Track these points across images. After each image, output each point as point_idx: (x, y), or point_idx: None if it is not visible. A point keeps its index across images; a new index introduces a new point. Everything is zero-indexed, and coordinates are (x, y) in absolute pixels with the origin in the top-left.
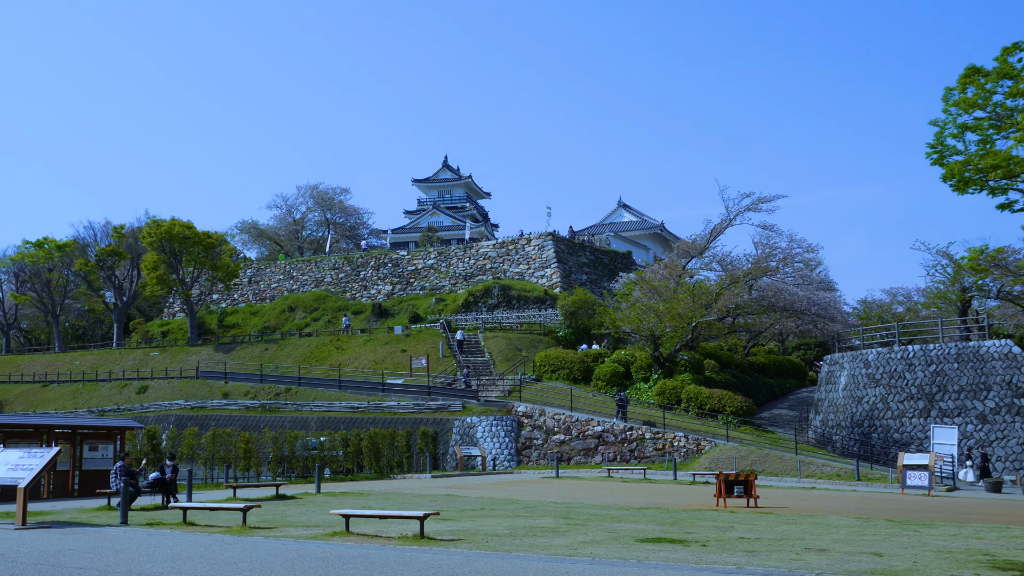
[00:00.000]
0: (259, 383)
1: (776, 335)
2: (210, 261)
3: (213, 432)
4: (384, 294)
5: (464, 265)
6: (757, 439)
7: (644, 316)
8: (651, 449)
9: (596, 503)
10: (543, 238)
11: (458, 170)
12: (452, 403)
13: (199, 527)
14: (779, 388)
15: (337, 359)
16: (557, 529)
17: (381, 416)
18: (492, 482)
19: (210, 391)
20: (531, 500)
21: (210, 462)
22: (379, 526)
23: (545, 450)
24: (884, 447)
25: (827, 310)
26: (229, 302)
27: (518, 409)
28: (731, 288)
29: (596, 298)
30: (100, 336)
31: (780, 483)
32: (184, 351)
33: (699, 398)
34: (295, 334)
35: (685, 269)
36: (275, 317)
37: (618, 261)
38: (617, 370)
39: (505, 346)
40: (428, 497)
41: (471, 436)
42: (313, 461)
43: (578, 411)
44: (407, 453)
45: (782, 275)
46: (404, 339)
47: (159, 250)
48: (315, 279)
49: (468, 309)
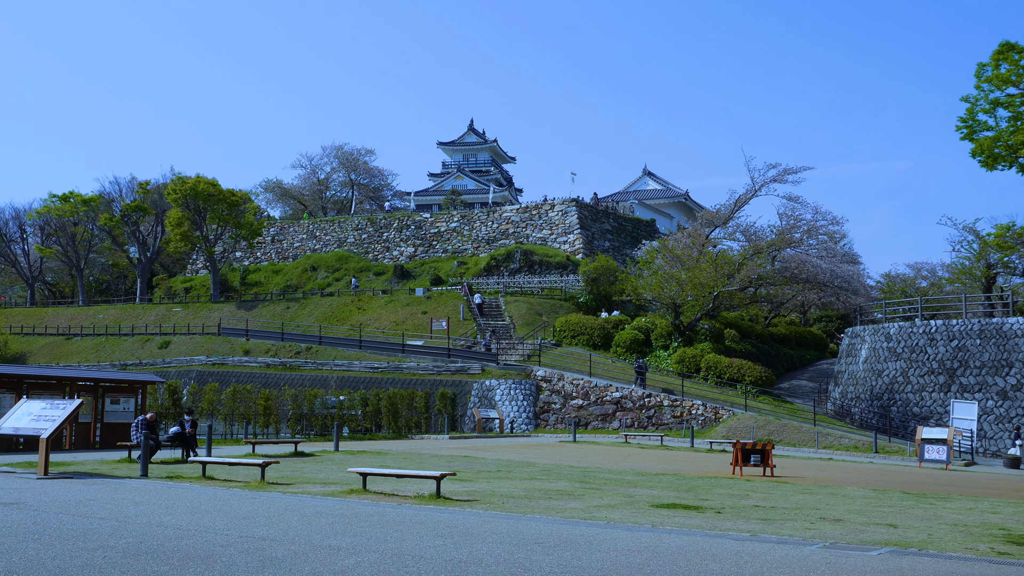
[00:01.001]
0: (280, 341)
1: (798, 307)
2: (234, 219)
3: (233, 388)
4: (406, 256)
5: (487, 229)
6: (775, 409)
7: (666, 284)
8: (669, 416)
9: (612, 468)
10: (567, 204)
11: (484, 134)
12: (471, 366)
13: (218, 481)
14: (799, 359)
15: (358, 319)
16: (573, 492)
17: (400, 377)
18: (509, 445)
19: (231, 348)
20: (548, 464)
21: (230, 418)
22: (396, 485)
23: (563, 415)
24: (903, 421)
25: (850, 283)
26: (252, 260)
27: (537, 373)
28: (754, 258)
29: (618, 265)
30: (123, 291)
31: (797, 453)
32: (206, 307)
33: (718, 367)
34: (317, 293)
35: (708, 238)
36: (297, 276)
37: (641, 229)
38: (637, 337)
39: (526, 311)
40: (445, 458)
41: (489, 399)
42: (332, 419)
43: (597, 377)
44: (425, 414)
45: (806, 247)
46: (425, 301)
47: (183, 207)
48: (338, 239)
49: (490, 273)
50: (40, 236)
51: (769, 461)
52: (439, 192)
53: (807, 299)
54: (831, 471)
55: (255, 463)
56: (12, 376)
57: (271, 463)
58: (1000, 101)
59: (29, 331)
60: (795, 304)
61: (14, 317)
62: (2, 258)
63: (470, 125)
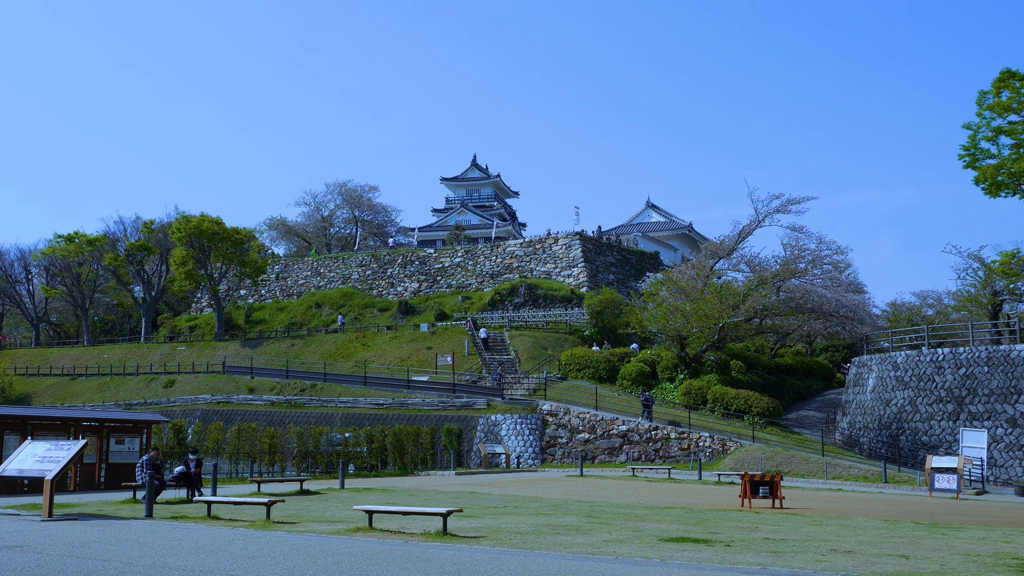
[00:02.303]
0: (285, 379)
1: (804, 337)
2: (238, 257)
3: (238, 427)
4: (411, 291)
5: (491, 263)
6: (783, 440)
7: (671, 316)
8: (676, 449)
9: (620, 502)
10: (570, 237)
11: (487, 169)
12: (477, 401)
13: (223, 521)
14: (806, 390)
15: (363, 356)
16: (580, 527)
17: (406, 413)
18: (516, 480)
19: (236, 386)
20: (555, 498)
21: (235, 456)
22: (402, 522)
23: (569, 449)
24: (912, 450)
25: (856, 312)
26: (256, 298)
27: (543, 407)
28: (759, 289)
29: (623, 298)
30: (128, 330)
31: (806, 484)
32: (211, 346)
33: (725, 399)
34: (321, 330)
35: (713, 270)
36: (302, 313)
37: (645, 261)
38: (643, 370)
39: (531, 344)
40: (451, 494)
41: (495, 434)
42: (337, 457)
43: (603, 410)
44: (431, 450)
45: (811, 277)
46: (430, 336)
47: (188, 245)
48: (342, 276)
49: (494, 307)
50: (45, 276)
51: (778, 493)
52: (443, 227)
53: (813, 329)
54: (841, 502)
55: (260, 502)
56: (17, 417)
57: (276, 502)
58: (1002, 129)
59: (34, 372)
60: (801, 334)
61: (19, 358)
62: (7, 299)
63: (473, 160)
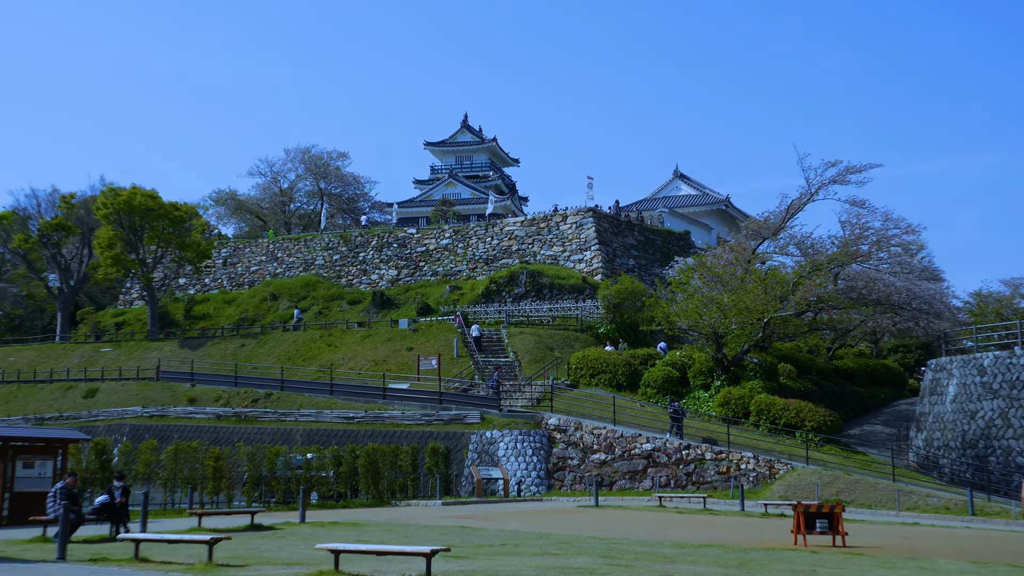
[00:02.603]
0: (233, 386)
1: (868, 334)
2: (177, 238)
3: (176, 446)
4: (387, 280)
5: (485, 246)
6: (844, 462)
7: (704, 310)
8: (712, 473)
9: (644, 539)
10: (582, 214)
11: (480, 132)
12: (468, 413)
13: (154, 564)
14: (871, 399)
15: (329, 358)
16: (596, 571)
17: (381, 428)
18: (516, 511)
19: (173, 396)
20: (564, 534)
21: (171, 483)
22: (376, 564)
23: (582, 473)
24: (1005, 474)
25: (931, 304)
26: (199, 288)
27: (549, 422)
28: (812, 277)
29: (646, 287)
30: (41, 328)
31: (874, 517)
32: (143, 347)
33: (772, 410)
34: (278, 327)
35: (755, 253)
36: (255, 307)
37: (673, 243)
38: (671, 375)
39: (533, 344)
40: (437, 529)
41: (491, 454)
42: (297, 483)
43: (623, 425)
44: (412, 474)
45: (875, 261)
46: (411, 335)
47: (116, 224)
48: (304, 261)
49: (490, 299)
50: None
51: (839, 527)
52: (427, 202)
53: (879, 325)
54: (917, 538)
55: (201, 540)
56: None
57: (221, 539)
58: None
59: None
60: (864, 331)
61: None
62: None
63: (464, 121)
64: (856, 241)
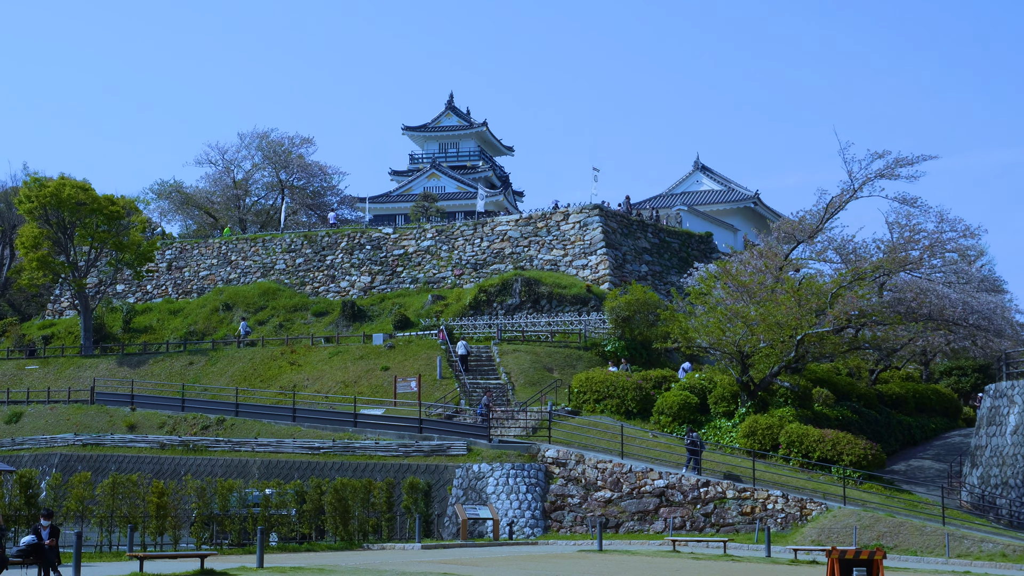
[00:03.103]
0: (180, 411)
1: (917, 355)
2: (114, 237)
3: (113, 479)
4: (360, 288)
5: (474, 248)
6: (887, 502)
7: (728, 325)
8: (735, 513)
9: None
10: (586, 212)
11: (468, 115)
12: (453, 444)
13: None
14: (920, 430)
15: (291, 379)
16: None
17: (352, 460)
18: (508, 556)
19: (111, 421)
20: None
21: (108, 521)
22: None
23: (584, 512)
24: None
25: (991, 320)
26: (140, 296)
27: (546, 454)
28: (854, 287)
29: (660, 298)
30: None
31: (919, 565)
32: (75, 364)
33: (805, 442)
34: (232, 342)
35: (788, 259)
36: (204, 318)
37: (692, 246)
38: (688, 400)
39: (529, 364)
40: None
41: (479, 491)
42: (254, 522)
43: (631, 458)
44: (388, 513)
45: (927, 269)
46: (387, 352)
47: (42, 221)
48: (263, 265)
49: (478, 311)
50: None
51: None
52: (406, 197)
53: (930, 344)
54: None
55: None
56: None
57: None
58: None
59: None
60: (913, 351)
61: None
62: None
63: (449, 102)
64: (905, 246)
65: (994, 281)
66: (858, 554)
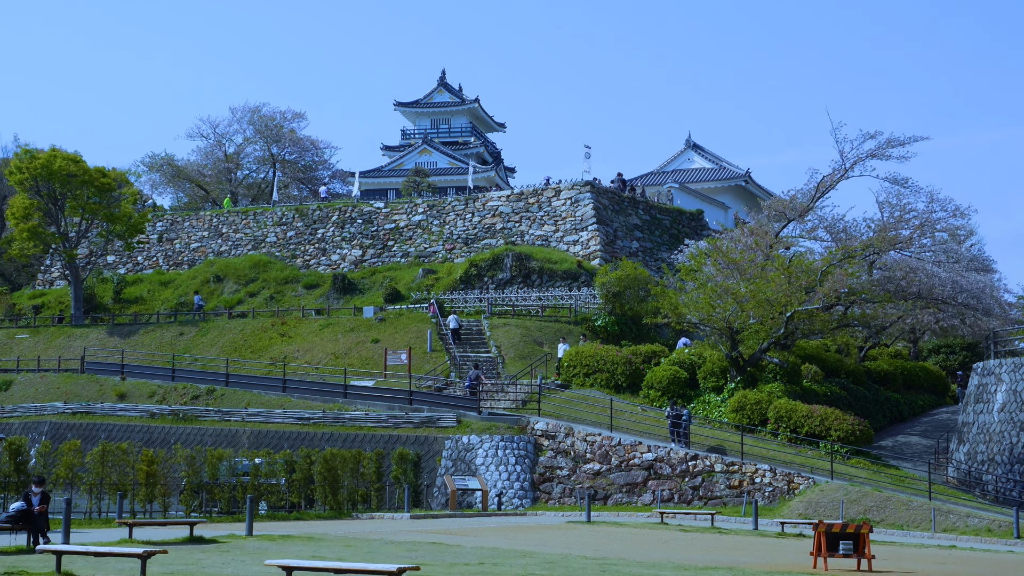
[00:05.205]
0: (170, 381)
1: (906, 333)
2: (105, 209)
3: (103, 447)
4: (350, 261)
5: (465, 223)
6: (874, 476)
7: (718, 301)
8: (723, 487)
9: (643, 559)
10: (578, 188)
11: (460, 91)
12: (443, 415)
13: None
14: (908, 406)
15: (281, 350)
16: None
17: (341, 431)
18: (497, 527)
19: (100, 390)
20: (551, 553)
21: (97, 489)
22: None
23: (572, 484)
24: None
25: (980, 299)
26: (131, 267)
27: (536, 426)
28: (843, 265)
29: (651, 275)
30: None
31: (905, 539)
32: (65, 333)
33: (793, 417)
34: (223, 313)
35: (778, 237)
36: (195, 289)
37: (683, 223)
38: (678, 375)
39: (519, 338)
40: (405, 545)
41: (468, 462)
42: (244, 491)
43: (621, 431)
44: (377, 483)
45: (917, 249)
46: (377, 325)
47: (33, 192)
48: (253, 238)
49: (469, 285)
50: None
51: (865, 550)
52: (397, 172)
53: (919, 322)
54: (954, 564)
55: (132, 553)
56: None
57: (156, 553)
58: None
59: None
60: (902, 329)
61: None
62: None
63: (441, 78)
64: (896, 225)
65: (983, 260)
66: (845, 528)
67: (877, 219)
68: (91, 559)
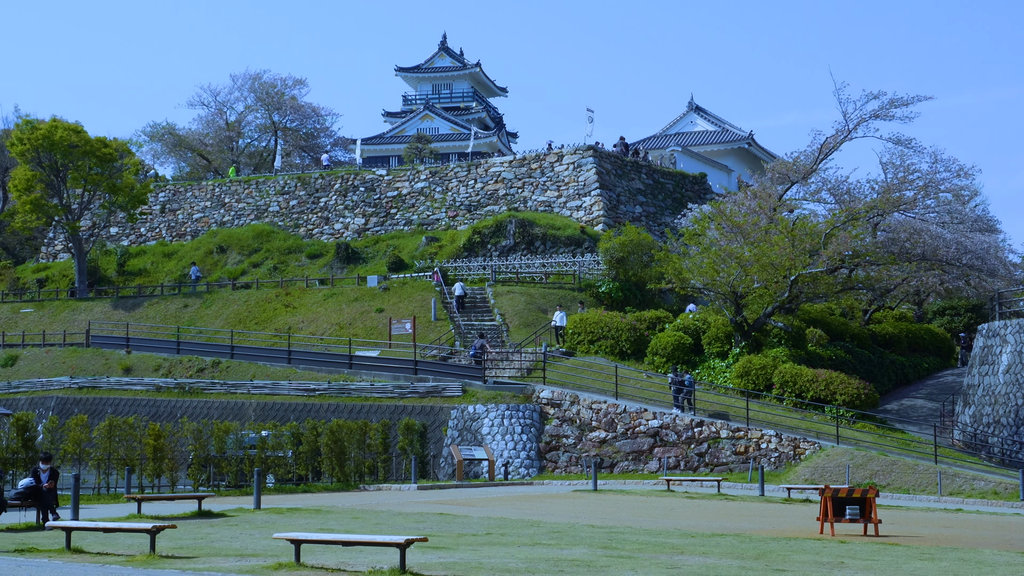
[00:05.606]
0: (175, 354)
1: (911, 295)
2: (107, 180)
3: (110, 422)
4: (353, 230)
5: (468, 190)
6: (880, 440)
7: (722, 265)
8: (729, 453)
9: (649, 527)
10: (580, 153)
11: (462, 55)
12: (448, 385)
13: (88, 555)
14: (913, 369)
15: (286, 321)
16: (594, 563)
17: (347, 402)
18: (503, 496)
19: (106, 364)
20: (558, 522)
21: (105, 464)
22: (343, 556)
23: (578, 453)
24: None
25: (985, 260)
26: (134, 239)
27: (541, 395)
28: (848, 227)
29: (655, 240)
30: None
31: (912, 503)
32: (69, 307)
33: (798, 382)
34: (227, 285)
35: (782, 200)
36: (199, 261)
37: (687, 187)
38: (682, 341)
39: (524, 306)
40: (413, 516)
41: (474, 432)
42: (251, 464)
43: (626, 398)
44: (383, 454)
45: (921, 210)
46: (381, 294)
47: (34, 163)
48: (256, 208)
49: (473, 253)
50: None
51: (872, 514)
52: (399, 138)
53: (924, 284)
54: (960, 527)
55: (142, 528)
56: None
57: (164, 528)
58: None
59: None
60: (907, 291)
61: None
62: None
63: (442, 43)
64: (900, 186)
65: (988, 221)
66: (851, 492)
67: (881, 180)
68: (101, 535)
